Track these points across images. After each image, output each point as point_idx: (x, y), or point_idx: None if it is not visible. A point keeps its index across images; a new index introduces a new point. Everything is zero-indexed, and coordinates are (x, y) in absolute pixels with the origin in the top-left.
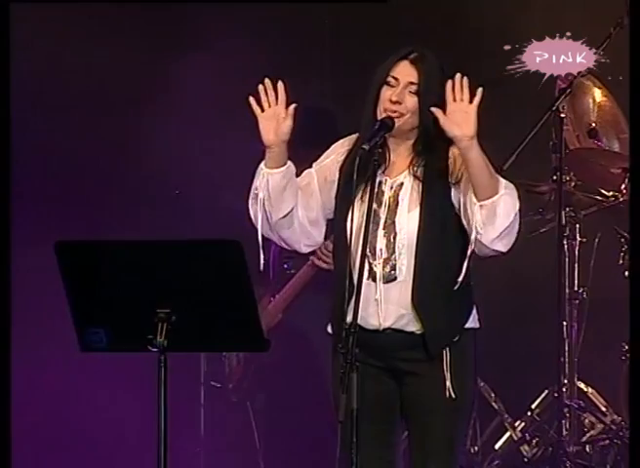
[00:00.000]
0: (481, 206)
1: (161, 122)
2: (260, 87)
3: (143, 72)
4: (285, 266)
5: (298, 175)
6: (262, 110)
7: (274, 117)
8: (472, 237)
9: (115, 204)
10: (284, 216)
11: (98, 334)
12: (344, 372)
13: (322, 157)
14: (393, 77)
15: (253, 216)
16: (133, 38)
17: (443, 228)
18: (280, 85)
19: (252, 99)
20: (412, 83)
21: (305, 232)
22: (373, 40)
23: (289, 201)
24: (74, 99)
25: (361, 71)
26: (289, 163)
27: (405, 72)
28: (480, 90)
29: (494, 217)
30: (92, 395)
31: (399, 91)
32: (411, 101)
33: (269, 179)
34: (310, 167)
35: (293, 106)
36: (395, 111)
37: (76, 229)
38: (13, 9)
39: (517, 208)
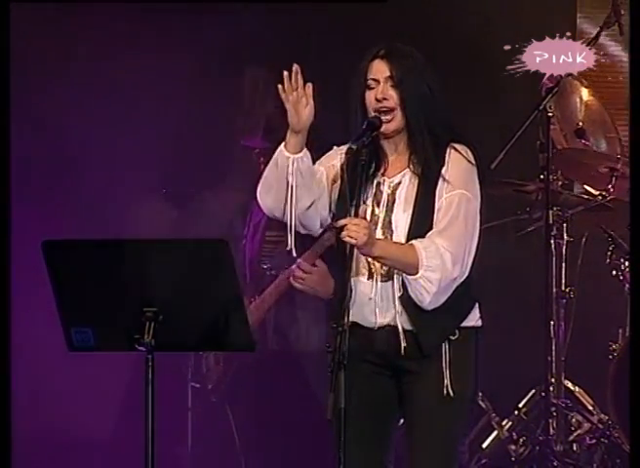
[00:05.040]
0: (407, 279)
1: (150, 121)
2: (286, 73)
3: (141, 70)
4: (264, 267)
5: None
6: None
7: (299, 101)
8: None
9: (104, 202)
10: (311, 205)
11: (85, 334)
12: (332, 371)
13: (325, 159)
14: (372, 79)
15: (274, 206)
16: (133, 38)
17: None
18: (297, 68)
19: (280, 87)
20: (389, 77)
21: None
22: (369, 41)
23: (315, 190)
24: (74, 98)
25: (347, 72)
26: (305, 148)
27: (380, 70)
28: None
29: (419, 295)
30: (82, 395)
31: (381, 88)
32: (395, 96)
33: (299, 163)
34: None
35: (309, 86)
36: (385, 107)
37: (67, 229)
38: (13, 9)
39: (441, 280)
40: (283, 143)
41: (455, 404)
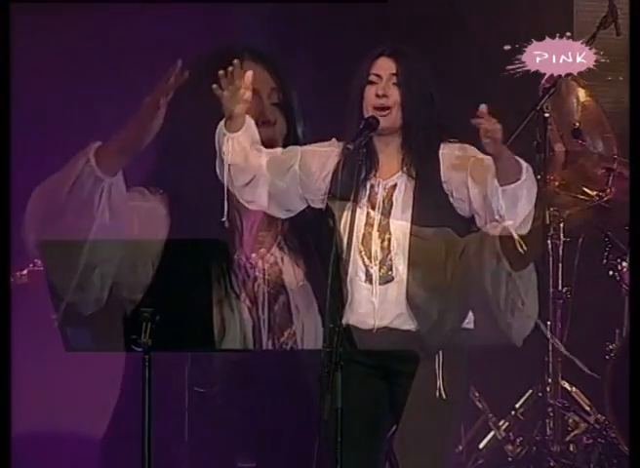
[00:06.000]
0: (504, 190)
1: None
2: (221, 72)
3: (140, 70)
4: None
5: None
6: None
7: (235, 93)
8: (484, 220)
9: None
10: (247, 184)
11: (82, 334)
12: (328, 372)
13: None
14: (375, 74)
15: (222, 179)
16: (133, 40)
17: (437, 227)
18: (237, 62)
19: (215, 86)
20: (393, 75)
21: (277, 201)
22: (369, 40)
23: (251, 169)
24: (74, 99)
25: (346, 71)
26: (247, 120)
27: (385, 67)
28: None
29: (516, 202)
30: (82, 395)
31: (383, 84)
32: (396, 94)
33: (234, 142)
34: None
35: (249, 76)
36: (383, 105)
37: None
38: (13, 9)
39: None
40: (224, 120)
41: (447, 405)
